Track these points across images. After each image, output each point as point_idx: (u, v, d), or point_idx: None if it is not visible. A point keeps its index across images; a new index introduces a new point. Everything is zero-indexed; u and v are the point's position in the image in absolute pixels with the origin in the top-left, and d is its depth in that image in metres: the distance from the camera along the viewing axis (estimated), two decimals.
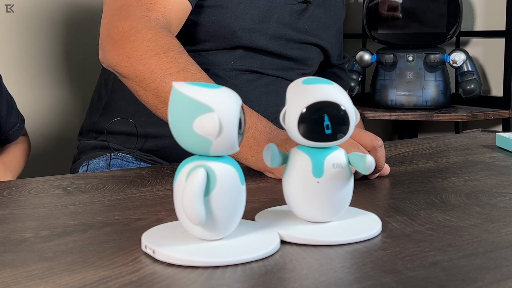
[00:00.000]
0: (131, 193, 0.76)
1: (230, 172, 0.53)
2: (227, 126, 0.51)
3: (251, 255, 0.51)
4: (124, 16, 1.00)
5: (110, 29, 1.00)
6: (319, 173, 0.58)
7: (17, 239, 0.58)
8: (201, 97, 0.50)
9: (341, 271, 0.49)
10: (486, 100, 2.15)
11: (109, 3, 1.05)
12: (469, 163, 0.94)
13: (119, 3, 1.03)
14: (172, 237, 0.55)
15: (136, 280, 0.47)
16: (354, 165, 0.58)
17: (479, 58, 2.21)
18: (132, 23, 0.98)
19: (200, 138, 0.51)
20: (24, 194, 0.76)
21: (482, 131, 1.29)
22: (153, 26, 0.98)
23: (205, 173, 0.51)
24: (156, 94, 0.93)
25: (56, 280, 0.47)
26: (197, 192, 0.50)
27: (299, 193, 0.59)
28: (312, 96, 0.56)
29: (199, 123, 0.50)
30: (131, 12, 1.00)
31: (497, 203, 0.70)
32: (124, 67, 0.96)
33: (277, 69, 1.24)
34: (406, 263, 0.51)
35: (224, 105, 0.51)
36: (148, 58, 0.94)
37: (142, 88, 0.95)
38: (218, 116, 0.50)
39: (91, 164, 1.14)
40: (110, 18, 1.02)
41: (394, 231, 0.59)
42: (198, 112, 0.50)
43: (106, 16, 1.04)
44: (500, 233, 0.59)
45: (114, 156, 1.12)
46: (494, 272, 0.49)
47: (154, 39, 0.96)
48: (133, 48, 0.95)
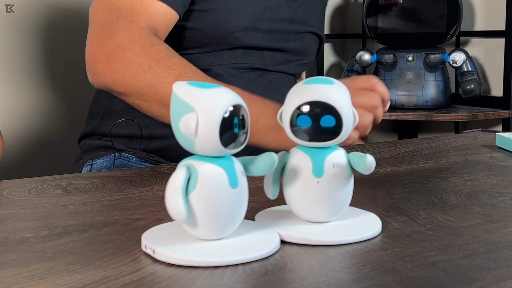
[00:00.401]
0: (131, 193, 0.76)
1: (215, 174, 0.52)
2: (207, 127, 0.51)
3: (251, 255, 0.51)
4: (107, 34, 0.99)
5: (95, 50, 0.99)
6: (319, 173, 0.58)
7: (17, 239, 0.58)
8: (186, 97, 0.51)
9: (341, 271, 0.49)
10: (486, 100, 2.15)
11: (93, 20, 1.04)
12: (469, 163, 0.94)
13: (101, 20, 1.02)
14: (172, 237, 0.55)
15: (136, 280, 0.47)
16: (354, 165, 0.58)
17: (479, 58, 2.21)
18: (117, 41, 0.97)
19: (186, 137, 0.52)
20: (24, 194, 0.75)
21: (482, 131, 1.29)
22: (137, 38, 0.97)
23: (184, 172, 0.51)
24: (161, 104, 0.94)
25: (56, 280, 0.47)
26: (176, 189, 0.50)
27: (299, 193, 0.59)
28: (304, 96, 0.56)
29: (182, 122, 0.51)
30: (113, 29, 0.99)
31: (497, 203, 0.70)
32: (120, 85, 0.96)
33: (278, 63, 1.24)
34: (406, 263, 0.51)
35: (207, 105, 0.51)
36: (143, 73, 0.94)
37: (144, 101, 0.95)
38: (198, 116, 0.50)
39: (95, 164, 1.13)
40: (93, 38, 1.01)
41: (394, 231, 0.59)
42: (183, 112, 0.51)
43: (90, 36, 1.03)
44: (500, 233, 0.59)
45: (118, 157, 1.12)
46: (494, 272, 0.49)
47: (142, 53, 0.95)
48: (124, 66, 0.95)
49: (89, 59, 1.00)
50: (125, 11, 1.00)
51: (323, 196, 0.58)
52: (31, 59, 1.67)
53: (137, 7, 1.01)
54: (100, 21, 1.02)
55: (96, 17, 1.03)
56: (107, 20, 1.00)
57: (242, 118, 0.53)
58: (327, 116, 0.56)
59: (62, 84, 1.72)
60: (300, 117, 0.56)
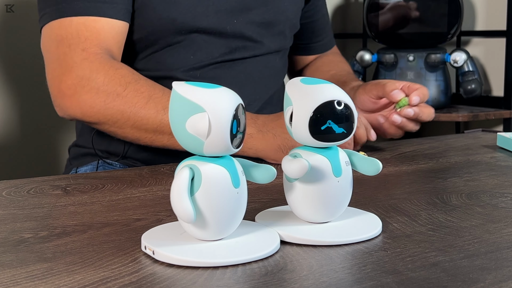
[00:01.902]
0: (130, 193, 0.76)
1: (219, 173, 0.52)
2: (219, 126, 0.50)
3: (251, 255, 0.51)
4: (65, 68, 0.97)
5: (59, 84, 0.98)
6: (338, 172, 0.58)
7: (16, 240, 0.58)
8: (193, 97, 0.51)
9: (341, 271, 0.49)
10: (487, 100, 2.15)
11: (46, 56, 1.03)
12: (470, 163, 0.94)
13: (54, 54, 1.00)
14: (171, 238, 0.55)
15: (135, 281, 0.47)
16: (360, 167, 0.60)
17: (480, 58, 2.21)
18: (78, 73, 0.96)
19: (193, 138, 0.51)
20: (23, 194, 0.75)
21: (483, 131, 1.28)
22: (98, 66, 0.96)
23: (188, 173, 0.51)
24: (135, 128, 0.94)
25: (55, 281, 0.47)
26: (181, 189, 0.50)
27: (321, 193, 0.58)
28: (320, 96, 0.56)
29: (191, 123, 0.51)
30: (70, 61, 0.97)
31: (498, 203, 0.70)
32: (91, 116, 0.96)
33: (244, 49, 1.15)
34: (407, 264, 0.50)
35: (216, 105, 0.50)
36: (113, 101, 0.94)
37: (118, 128, 0.96)
38: (209, 116, 0.50)
39: (80, 171, 1.14)
40: (53, 73, 1.00)
41: (395, 232, 0.59)
42: (191, 112, 0.51)
43: (49, 71, 1.01)
44: (502, 234, 0.59)
45: (102, 164, 1.11)
46: (495, 273, 0.49)
47: (107, 81, 0.95)
48: (92, 97, 0.95)
49: (54, 94, 0.99)
50: (74, 39, 0.98)
51: (342, 194, 0.59)
52: (31, 59, 1.67)
53: (83, 33, 0.99)
54: (53, 55, 1.00)
55: (49, 52, 1.01)
56: (60, 52, 0.99)
57: (241, 118, 0.53)
58: (342, 115, 0.56)
59: None
60: (319, 119, 0.56)
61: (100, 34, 1.00)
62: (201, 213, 0.52)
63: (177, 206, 0.50)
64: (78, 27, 0.99)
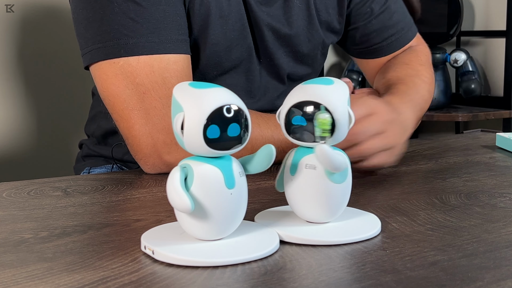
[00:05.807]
0: (130, 194, 0.76)
1: (211, 174, 0.52)
2: (192, 127, 0.51)
3: (251, 255, 0.51)
4: (160, 125, 0.86)
5: (155, 143, 0.86)
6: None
7: (16, 240, 0.58)
8: (179, 97, 0.52)
9: (340, 271, 0.49)
10: (487, 100, 2.15)
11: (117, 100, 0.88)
12: (469, 163, 0.94)
13: (143, 111, 0.87)
14: (171, 238, 0.55)
15: (135, 281, 0.47)
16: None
17: (480, 58, 2.21)
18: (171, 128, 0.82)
19: (179, 137, 0.52)
20: (23, 195, 0.75)
21: (482, 131, 1.29)
22: None
23: (179, 172, 0.52)
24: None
25: (56, 281, 0.47)
26: (176, 183, 0.51)
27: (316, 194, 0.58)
28: (298, 96, 0.57)
29: (174, 122, 0.52)
30: (163, 115, 0.86)
31: (497, 203, 0.70)
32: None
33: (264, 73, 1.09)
34: (406, 263, 0.51)
35: (193, 106, 0.51)
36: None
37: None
38: (184, 116, 0.51)
39: (93, 172, 1.13)
40: (140, 129, 0.87)
41: (394, 231, 0.59)
42: (175, 111, 0.52)
43: (130, 122, 0.87)
44: (500, 233, 0.59)
45: (116, 169, 1.11)
46: (494, 272, 0.49)
47: None
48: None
49: (144, 153, 0.87)
50: (159, 89, 0.87)
51: (338, 195, 0.59)
52: (31, 59, 1.67)
53: (169, 80, 0.88)
54: (142, 111, 0.86)
55: (124, 102, 0.87)
56: (149, 106, 0.86)
57: (232, 120, 0.51)
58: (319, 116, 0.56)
59: (62, 84, 1.72)
60: (295, 117, 0.56)
61: (176, 75, 0.90)
62: (194, 212, 0.52)
63: (174, 196, 0.51)
64: (156, 77, 0.88)
